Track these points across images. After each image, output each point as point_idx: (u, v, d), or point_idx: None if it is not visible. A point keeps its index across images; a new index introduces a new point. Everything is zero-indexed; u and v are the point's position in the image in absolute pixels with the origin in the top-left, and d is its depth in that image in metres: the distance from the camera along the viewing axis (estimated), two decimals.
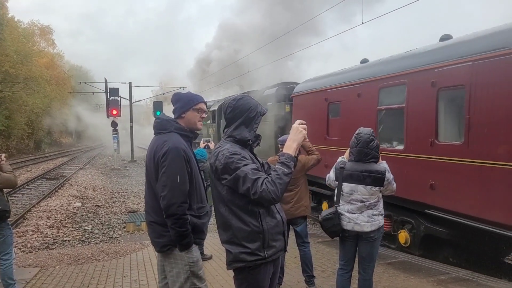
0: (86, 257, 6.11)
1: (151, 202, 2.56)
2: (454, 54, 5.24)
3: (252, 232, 2.12)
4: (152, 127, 2.71)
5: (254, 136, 2.30)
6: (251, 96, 2.47)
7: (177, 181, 2.39)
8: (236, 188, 2.08)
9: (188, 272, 2.50)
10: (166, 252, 2.52)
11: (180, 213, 2.38)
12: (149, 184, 2.56)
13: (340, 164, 3.49)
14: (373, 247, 3.45)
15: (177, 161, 2.42)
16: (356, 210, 3.35)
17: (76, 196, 12.62)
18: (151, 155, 2.53)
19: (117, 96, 24.76)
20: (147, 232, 2.66)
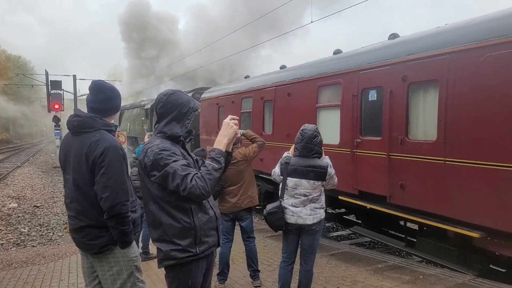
0: (20, 261, 5.72)
1: (81, 206, 2.42)
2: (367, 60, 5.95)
3: (184, 229, 2.11)
4: (67, 125, 2.50)
5: (186, 132, 2.28)
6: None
7: (118, 181, 2.33)
8: (166, 184, 2.05)
9: (132, 267, 2.48)
10: (105, 253, 2.43)
11: (125, 212, 2.35)
12: (78, 188, 2.41)
13: (285, 159, 3.56)
14: (315, 239, 3.58)
15: (116, 160, 2.35)
16: (299, 204, 3.45)
17: (12, 197, 11.75)
18: (81, 156, 2.37)
19: (60, 89, 23.33)
20: (75, 238, 2.49)
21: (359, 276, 4.61)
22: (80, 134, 2.42)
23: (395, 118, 5.25)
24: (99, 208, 2.36)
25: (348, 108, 6.10)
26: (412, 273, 4.63)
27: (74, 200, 2.44)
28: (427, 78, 4.85)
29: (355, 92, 5.94)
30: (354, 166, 5.91)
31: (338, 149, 6.15)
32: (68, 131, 2.53)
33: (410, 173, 5.03)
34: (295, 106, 7.42)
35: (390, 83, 5.31)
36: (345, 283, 4.42)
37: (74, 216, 2.46)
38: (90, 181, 2.36)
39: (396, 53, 5.36)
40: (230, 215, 4.38)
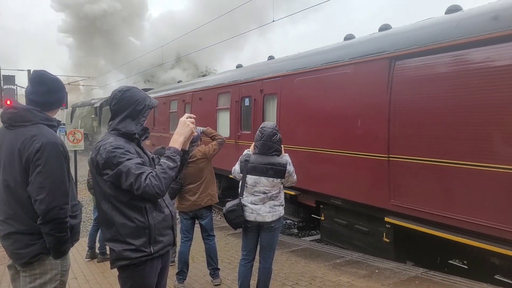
0: None
1: (11, 210, 2.15)
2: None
3: (137, 228, 2.06)
4: (1, 117, 2.26)
5: (141, 129, 2.23)
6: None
7: (57, 181, 2.13)
8: (119, 183, 2.00)
9: (57, 282, 2.24)
10: (33, 263, 2.17)
11: (62, 217, 2.14)
12: (8, 188, 2.15)
13: (245, 157, 3.58)
14: (274, 236, 3.62)
15: (56, 158, 2.14)
16: (258, 201, 3.48)
17: None
18: (13, 153, 2.13)
19: (13, 84, 22.13)
20: (3, 245, 2.21)
21: (318, 272, 4.72)
22: (14, 128, 2.19)
23: (257, 117, 7.74)
24: (32, 212, 2.12)
25: (233, 110, 8.60)
26: (368, 268, 4.80)
27: (3, 202, 2.18)
28: (272, 92, 7.39)
29: (237, 99, 8.45)
30: (237, 152, 7.91)
31: (228, 140, 7.78)
32: (2, 125, 2.28)
33: None
34: (204, 108, 10.00)
35: (254, 94, 7.88)
36: (303, 279, 4.51)
37: (2, 221, 2.19)
38: (23, 181, 2.12)
39: (257, 74, 7.97)
40: (190, 213, 4.35)
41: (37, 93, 2.28)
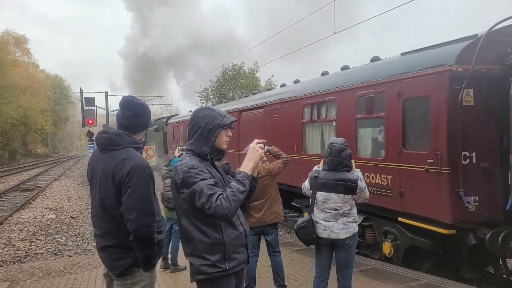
0: (58, 270, 5.99)
1: (107, 225, 2.36)
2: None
3: (213, 244, 2.15)
4: (95, 141, 2.47)
5: (212, 149, 2.28)
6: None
7: (145, 202, 2.28)
8: (193, 202, 2.11)
9: None
10: (126, 274, 2.36)
11: (151, 234, 2.30)
12: (104, 206, 2.34)
13: (314, 173, 3.59)
14: (350, 254, 3.55)
15: (143, 180, 2.29)
16: (331, 218, 3.45)
17: (50, 208, 12.31)
18: (108, 175, 2.30)
19: (93, 105, 24.40)
20: (101, 256, 2.45)
21: None
22: (108, 152, 2.38)
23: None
24: (125, 228, 2.29)
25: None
26: None
27: (100, 219, 2.39)
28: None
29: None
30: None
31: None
32: (97, 147, 2.51)
33: None
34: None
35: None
36: None
37: (99, 235, 2.41)
38: (116, 201, 2.29)
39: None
40: (256, 229, 4.43)
41: (124, 117, 2.45)
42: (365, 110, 6.25)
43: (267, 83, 34.00)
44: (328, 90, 7.31)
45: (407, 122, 5.44)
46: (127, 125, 2.45)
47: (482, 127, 4.89)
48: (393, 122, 5.61)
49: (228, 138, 2.38)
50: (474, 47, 4.68)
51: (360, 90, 6.34)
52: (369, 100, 6.10)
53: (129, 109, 2.46)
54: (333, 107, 7.14)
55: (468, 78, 4.65)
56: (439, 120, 4.89)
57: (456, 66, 4.73)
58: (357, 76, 6.69)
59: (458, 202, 4.73)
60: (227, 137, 2.37)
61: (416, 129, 5.48)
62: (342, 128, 6.84)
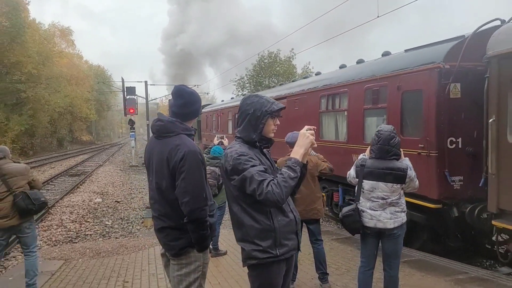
0: (107, 251, 6.32)
1: (163, 208, 2.48)
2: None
3: (263, 230, 2.16)
4: (151, 128, 2.58)
5: (260, 137, 2.27)
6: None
7: (197, 186, 2.37)
8: (244, 188, 2.12)
9: (199, 273, 2.52)
10: (181, 254, 2.48)
11: (203, 217, 2.39)
12: (160, 190, 2.47)
13: (360, 161, 3.51)
14: (398, 244, 3.47)
15: (196, 165, 2.38)
16: (378, 207, 3.37)
17: (96, 192, 12.97)
18: (163, 160, 2.42)
19: (134, 94, 25.18)
20: (158, 237, 2.59)
21: (438, 286, 4.37)
22: (162, 138, 2.48)
23: None
24: (179, 211, 2.40)
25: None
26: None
27: (157, 202, 2.52)
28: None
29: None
30: None
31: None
32: (152, 135, 2.63)
33: None
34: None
35: None
36: None
37: (157, 217, 2.55)
38: (171, 185, 2.40)
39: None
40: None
41: (176, 106, 2.55)
42: (371, 101, 7.00)
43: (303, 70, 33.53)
44: (341, 83, 8.06)
45: (405, 112, 6.20)
46: (179, 113, 2.54)
47: (468, 116, 5.47)
48: (393, 112, 6.37)
49: (275, 127, 2.36)
50: (460, 46, 5.35)
51: (367, 83, 7.08)
52: (375, 92, 6.87)
53: (181, 98, 2.54)
54: (345, 98, 7.88)
55: (454, 74, 5.32)
56: (429, 110, 5.62)
57: (443, 64, 5.42)
58: (366, 70, 7.41)
59: (444, 181, 5.42)
60: (275, 126, 2.35)
61: (411, 118, 6.17)
62: (352, 117, 7.61)
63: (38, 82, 30.73)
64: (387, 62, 7.10)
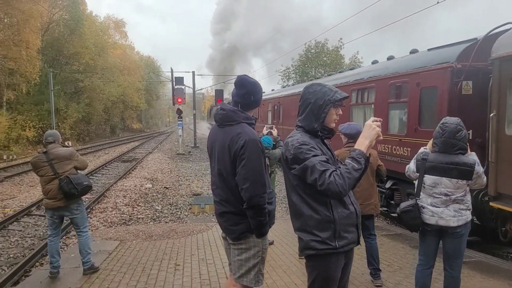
0: (158, 234, 6.57)
1: (224, 194, 2.57)
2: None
3: (323, 221, 2.12)
4: (214, 117, 2.66)
5: (322, 127, 2.22)
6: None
7: (257, 173, 2.42)
8: (304, 178, 2.09)
9: (259, 258, 2.58)
10: (241, 239, 2.56)
11: (262, 204, 2.43)
12: (221, 176, 2.56)
13: (422, 155, 3.31)
14: (461, 243, 3.26)
15: (256, 153, 2.43)
16: (440, 204, 3.18)
17: (147, 178, 13.54)
18: (224, 148, 2.50)
19: (182, 84, 25.83)
20: (219, 221, 2.70)
21: None
22: (224, 127, 2.57)
23: None
24: (239, 197, 2.48)
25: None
26: None
27: (218, 187, 2.61)
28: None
29: None
30: None
31: None
32: (215, 123, 2.72)
33: None
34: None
35: None
36: None
37: (218, 202, 2.65)
38: (232, 171, 2.48)
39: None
40: None
41: (238, 95, 2.62)
42: (395, 96, 7.79)
43: (351, 60, 32.58)
44: (370, 78, 8.80)
45: (423, 106, 6.87)
46: (241, 102, 2.61)
47: (478, 110, 5.90)
48: (413, 106, 7.08)
49: (337, 116, 2.29)
50: (472, 48, 6.03)
51: (392, 80, 7.83)
52: (398, 88, 7.64)
53: (243, 88, 2.60)
54: (373, 93, 8.64)
55: (465, 72, 5.97)
56: (442, 105, 6.32)
57: (456, 63, 6.11)
58: (391, 67, 8.17)
59: None
60: (337, 116, 2.29)
61: (428, 112, 6.79)
62: (378, 110, 8.31)
63: (94, 72, 32.55)
64: (410, 60, 7.80)
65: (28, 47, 22.86)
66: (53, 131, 4.75)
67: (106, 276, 4.58)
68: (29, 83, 24.58)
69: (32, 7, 23.10)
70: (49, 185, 4.40)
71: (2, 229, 7.44)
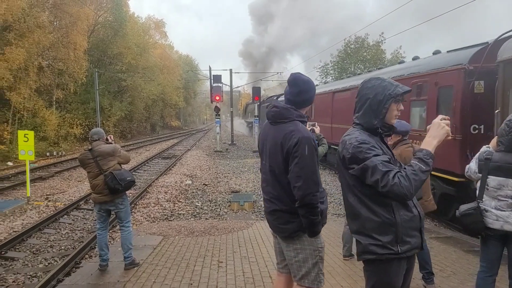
0: (200, 231, 6.64)
1: (275, 191, 2.54)
2: None
3: (383, 224, 1.99)
4: (266, 115, 2.64)
5: (383, 123, 2.10)
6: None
7: (310, 171, 2.37)
8: (364, 178, 1.97)
9: (317, 257, 2.52)
10: (293, 238, 2.51)
11: (314, 203, 2.37)
12: (273, 173, 2.53)
13: (485, 154, 3.06)
14: None
15: (309, 151, 2.38)
16: (506, 207, 2.93)
17: (186, 175, 13.80)
18: (277, 145, 2.48)
19: (220, 82, 26.12)
20: (269, 219, 2.66)
21: None
22: (277, 124, 2.54)
23: None
24: (291, 195, 2.43)
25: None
26: None
27: (269, 185, 2.57)
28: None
29: None
30: None
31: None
32: (267, 120, 2.68)
33: None
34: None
35: None
36: None
37: (268, 199, 2.60)
38: (284, 169, 2.45)
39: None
40: None
41: (291, 94, 2.57)
42: (416, 94, 8.42)
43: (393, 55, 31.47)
44: (395, 77, 9.31)
45: (440, 104, 7.60)
46: (294, 100, 2.57)
47: (489, 108, 6.37)
48: (431, 103, 7.82)
49: (399, 112, 2.16)
50: (483, 51, 6.69)
51: (414, 79, 8.53)
52: (419, 86, 8.33)
53: (296, 86, 2.57)
54: None
55: (477, 73, 6.63)
56: (456, 102, 7.05)
57: (468, 65, 6.81)
58: (414, 68, 8.97)
59: (467, 160, 6.25)
60: (398, 111, 2.16)
61: (445, 109, 7.40)
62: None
63: (136, 72, 33.70)
64: (431, 61, 8.46)
65: (76, 48, 24.03)
66: (98, 129, 4.93)
67: (152, 271, 4.67)
68: (76, 82, 25.84)
69: (79, 10, 24.28)
70: (95, 181, 4.57)
71: (54, 222, 7.85)
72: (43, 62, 22.88)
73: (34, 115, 22.17)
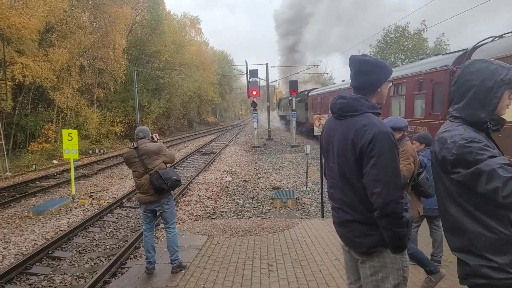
0: (244, 230, 6.36)
1: (348, 198, 2.10)
2: None
3: (500, 242, 1.58)
4: (330, 108, 2.20)
5: (492, 116, 1.70)
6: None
7: (391, 174, 1.93)
8: (474, 185, 1.57)
9: (400, 278, 2.05)
10: (372, 254, 2.08)
11: (399, 212, 1.92)
12: (344, 177, 2.10)
13: None
14: None
15: (389, 149, 1.94)
16: None
17: (226, 171, 13.63)
18: (347, 143, 2.05)
19: (256, 77, 25.78)
20: (340, 232, 2.21)
21: None
22: (344, 118, 2.11)
23: None
24: (368, 202, 1.99)
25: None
26: None
27: (339, 191, 2.15)
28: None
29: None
30: None
31: None
32: (331, 115, 2.24)
33: None
34: None
35: None
36: None
37: (338, 208, 2.17)
38: (358, 171, 2.03)
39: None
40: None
41: (353, 79, 2.15)
42: (417, 89, 10.46)
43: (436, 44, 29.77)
44: (403, 76, 11.44)
45: (434, 97, 9.49)
46: (359, 87, 2.12)
47: None
48: (428, 97, 9.72)
49: (510, 102, 1.74)
50: (464, 56, 8.49)
51: (416, 77, 10.51)
52: (420, 83, 10.30)
53: (352, 68, 2.15)
54: (404, 87, 11.42)
55: None
56: (444, 95, 8.73)
57: (452, 67, 8.64)
58: (417, 68, 10.85)
59: None
60: (510, 100, 1.73)
61: (438, 101, 9.31)
62: (407, 101, 11.11)
63: (173, 69, 34.17)
64: (430, 62, 10.31)
65: (115, 48, 24.59)
66: (144, 127, 4.75)
67: (200, 274, 4.42)
68: (116, 81, 26.51)
69: (117, 9, 24.79)
70: (141, 180, 4.39)
71: (98, 220, 7.87)
72: (84, 62, 23.59)
73: (76, 114, 22.96)
